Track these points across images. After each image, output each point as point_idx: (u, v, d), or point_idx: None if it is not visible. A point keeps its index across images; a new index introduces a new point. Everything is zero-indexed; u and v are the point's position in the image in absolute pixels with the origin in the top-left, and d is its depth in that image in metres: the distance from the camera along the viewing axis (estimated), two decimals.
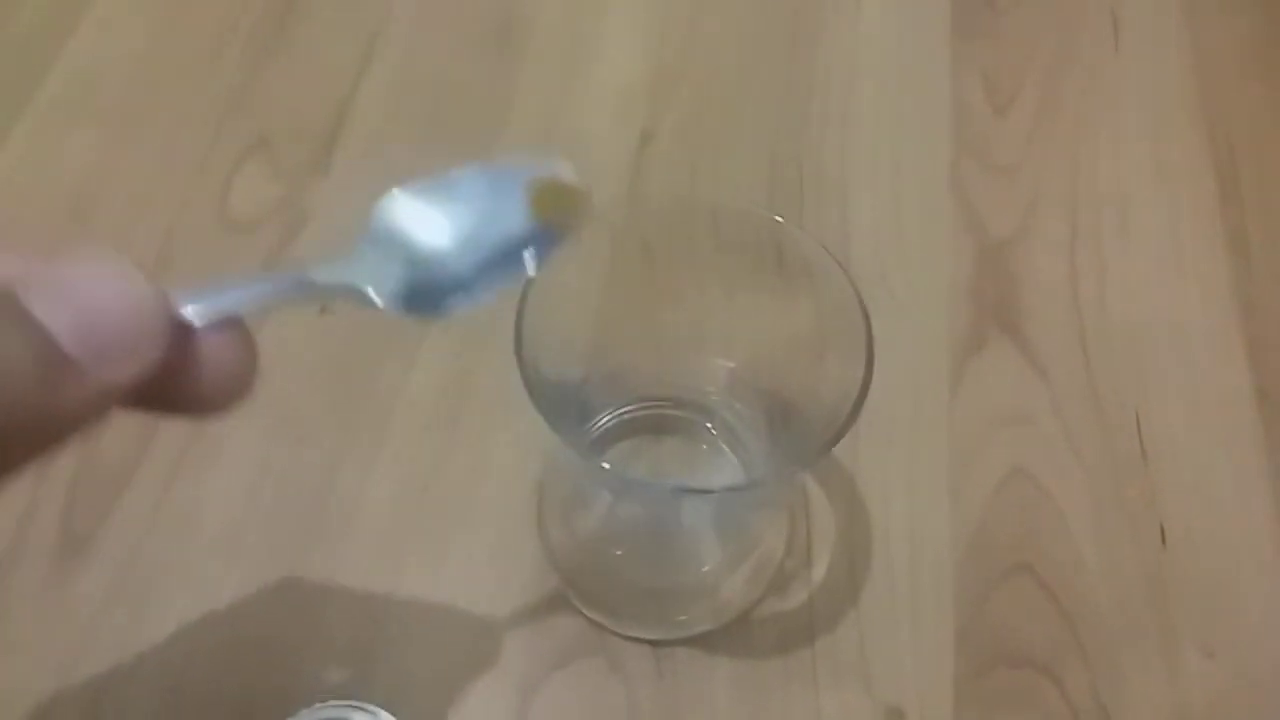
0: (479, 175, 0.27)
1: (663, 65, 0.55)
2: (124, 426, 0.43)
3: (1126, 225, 0.51)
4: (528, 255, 0.27)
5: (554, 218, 0.27)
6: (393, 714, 0.36)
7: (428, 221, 0.27)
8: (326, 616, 0.40)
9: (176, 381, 0.22)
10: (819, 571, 0.42)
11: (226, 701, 0.39)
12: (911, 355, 0.47)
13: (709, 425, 0.41)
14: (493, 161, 0.27)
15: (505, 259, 0.27)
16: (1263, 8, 0.59)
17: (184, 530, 0.42)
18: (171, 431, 0.43)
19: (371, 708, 0.36)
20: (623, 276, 0.37)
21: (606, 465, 0.36)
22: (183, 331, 0.21)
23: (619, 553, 0.41)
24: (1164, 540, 0.43)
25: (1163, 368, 0.47)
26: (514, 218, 0.27)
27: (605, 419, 0.41)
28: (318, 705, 0.36)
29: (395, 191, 0.27)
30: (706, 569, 0.41)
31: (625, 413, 0.41)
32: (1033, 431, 0.45)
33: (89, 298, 0.20)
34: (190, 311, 0.21)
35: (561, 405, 0.35)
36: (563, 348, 0.36)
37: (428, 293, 0.26)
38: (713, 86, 0.55)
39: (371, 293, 0.25)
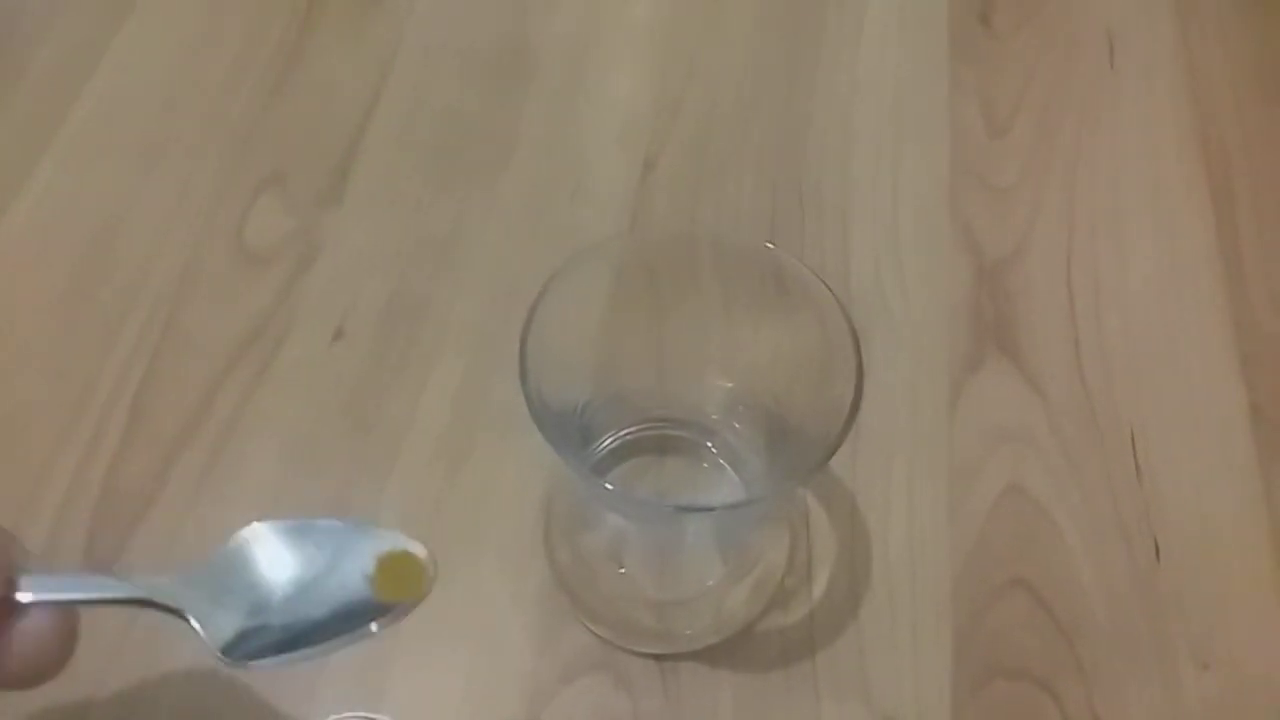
0: (333, 533, 0.28)
1: (665, 94, 0.57)
2: (144, 455, 0.45)
3: (1122, 245, 0.52)
4: (373, 626, 0.28)
5: (393, 596, 0.28)
6: None
7: (275, 566, 0.27)
8: None
9: None
10: (820, 586, 0.43)
11: (247, 715, 0.40)
12: (911, 374, 0.48)
13: (710, 445, 0.42)
14: (350, 522, 0.28)
15: (339, 623, 0.27)
16: (1258, 29, 0.60)
17: (203, 553, 0.43)
18: (191, 457, 0.45)
19: (381, 718, 0.37)
20: (625, 301, 0.38)
21: (610, 485, 0.37)
22: (6, 606, 0.20)
23: (623, 570, 0.42)
24: (1158, 555, 0.44)
25: (1158, 385, 0.48)
26: (356, 586, 0.28)
27: (608, 440, 0.42)
28: (332, 717, 0.37)
29: (255, 525, 0.28)
30: (709, 584, 0.42)
31: (628, 434, 0.42)
32: (1030, 449, 0.46)
33: None
34: (20, 592, 0.21)
35: (566, 428, 0.36)
36: (566, 372, 0.37)
37: (249, 641, 0.26)
38: (714, 114, 0.56)
39: (196, 625, 0.26)
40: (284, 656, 0.26)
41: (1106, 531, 0.44)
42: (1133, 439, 0.46)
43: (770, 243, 0.36)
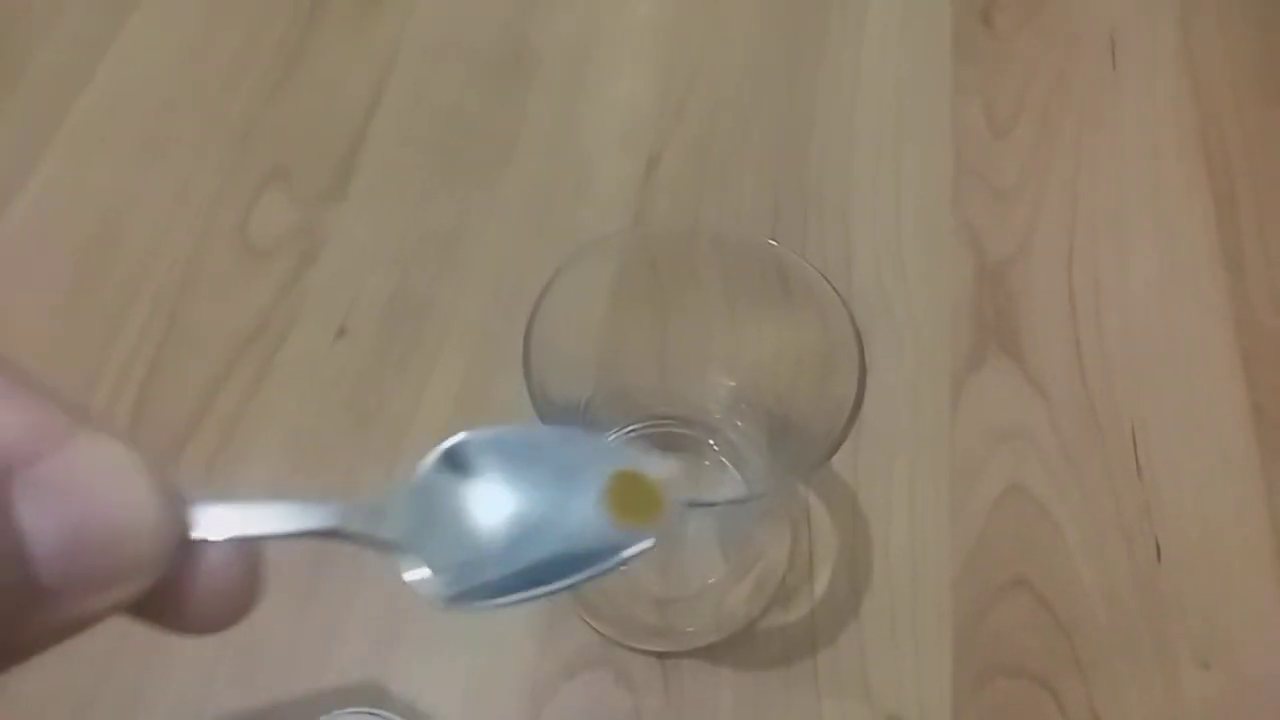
0: (559, 445, 0.24)
1: (669, 93, 0.57)
2: (147, 451, 0.45)
3: (1124, 244, 0.52)
4: (625, 553, 0.22)
5: (632, 520, 0.23)
6: None
7: (490, 495, 0.22)
8: (344, 629, 0.41)
9: (166, 597, 0.18)
10: (821, 584, 0.43)
11: (249, 713, 0.40)
12: (912, 373, 0.48)
13: (712, 442, 0.42)
14: (578, 433, 0.24)
15: (566, 554, 0.22)
16: (1259, 29, 0.60)
17: None
18: (193, 455, 0.45)
19: (385, 713, 0.37)
20: (628, 298, 0.38)
21: None
22: (188, 548, 0.18)
23: (622, 568, 0.42)
24: (1159, 554, 0.44)
25: (1159, 385, 0.48)
26: (586, 514, 0.22)
27: (611, 437, 0.42)
28: (336, 712, 0.37)
29: (464, 436, 0.23)
30: (711, 582, 0.42)
31: (631, 431, 0.42)
32: (1031, 448, 0.46)
33: (87, 510, 0.16)
34: (203, 530, 0.18)
35: (569, 424, 0.36)
36: (570, 368, 0.37)
37: (468, 584, 0.22)
38: (718, 113, 0.56)
39: (415, 569, 0.22)
40: (512, 597, 0.22)
41: (1107, 531, 0.44)
42: (1134, 438, 0.46)
43: (773, 240, 0.36)
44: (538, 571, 0.22)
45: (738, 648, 0.41)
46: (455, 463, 0.22)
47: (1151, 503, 0.45)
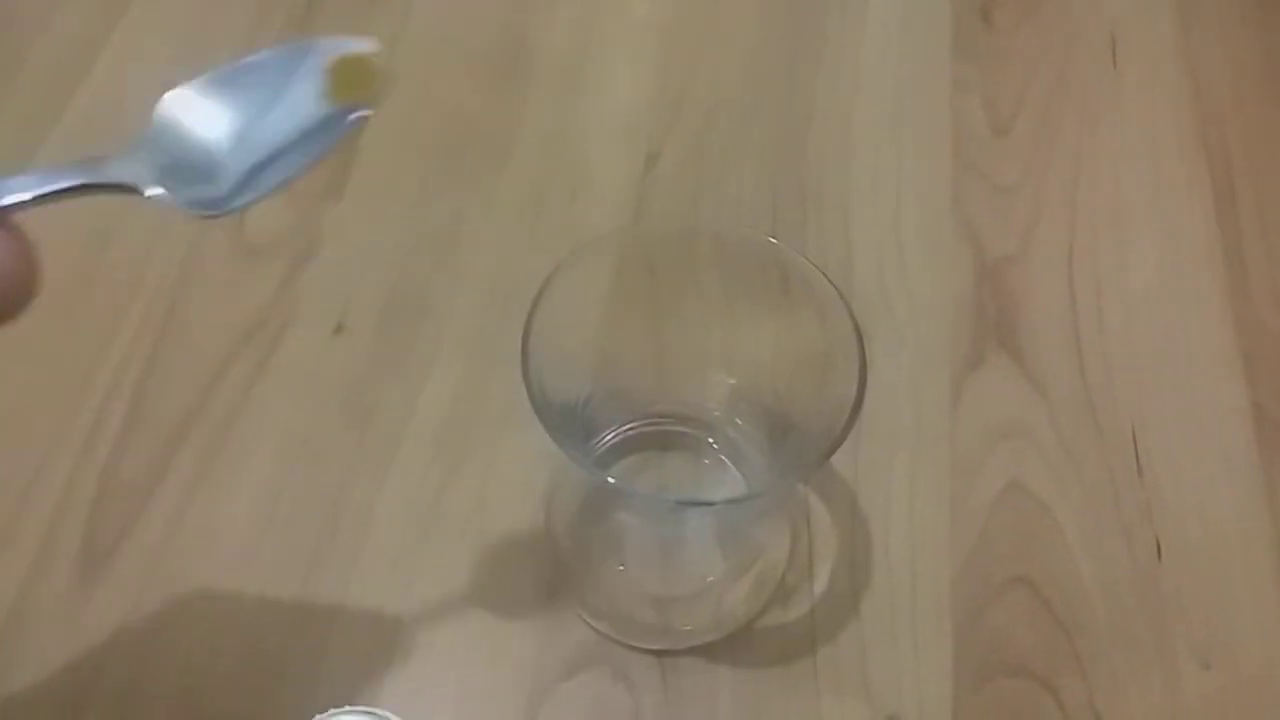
0: (272, 60, 0.26)
1: (667, 90, 0.57)
2: (144, 448, 0.45)
3: (1124, 243, 0.52)
4: (350, 119, 0.26)
5: (353, 97, 0.26)
6: None
7: (214, 116, 0.26)
8: (340, 627, 0.41)
9: None
10: (820, 583, 0.42)
11: (244, 710, 0.40)
12: (912, 371, 0.48)
13: (711, 441, 0.42)
14: (289, 43, 0.27)
15: (302, 143, 0.26)
16: (1259, 28, 0.60)
17: (201, 546, 0.43)
18: (190, 452, 0.45)
19: (383, 713, 0.36)
20: (627, 296, 0.38)
21: (612, 480, 0.37)
22: None
23: (621, 568, 0.42)
24: (1159, 553, 0.43)
25: (1159, 383, 0.48)
26: (309, 101, 0.26)
27: (610, 435, 0.42)
28: (332, 711, 0.36)
29: (180, 88, 0.26)
30: (710, 580, 0.42)
31: (629, 429, 0.42)
32: (1031, 446, 0.46)
33: None
34: None
35: (567, 422, 0.36)
36: (568, 366, 0.37)
37: (218, 190, 0.25)
38: (716, 110, 0.56)
39: (149, 190, 0.24)
40: (260, 187, 0.25)
41: (1107, 529, 0.44)
42: (1134, 437, 0.46)
43: (772, 238, 0.36)
44: (278, 161, 0.25)
45: (737, 646, 0.41)
46: (181, 110, 0.26)
47: (1152, 501, 0.45)
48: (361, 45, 0.27)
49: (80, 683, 0.40)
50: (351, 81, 0.26)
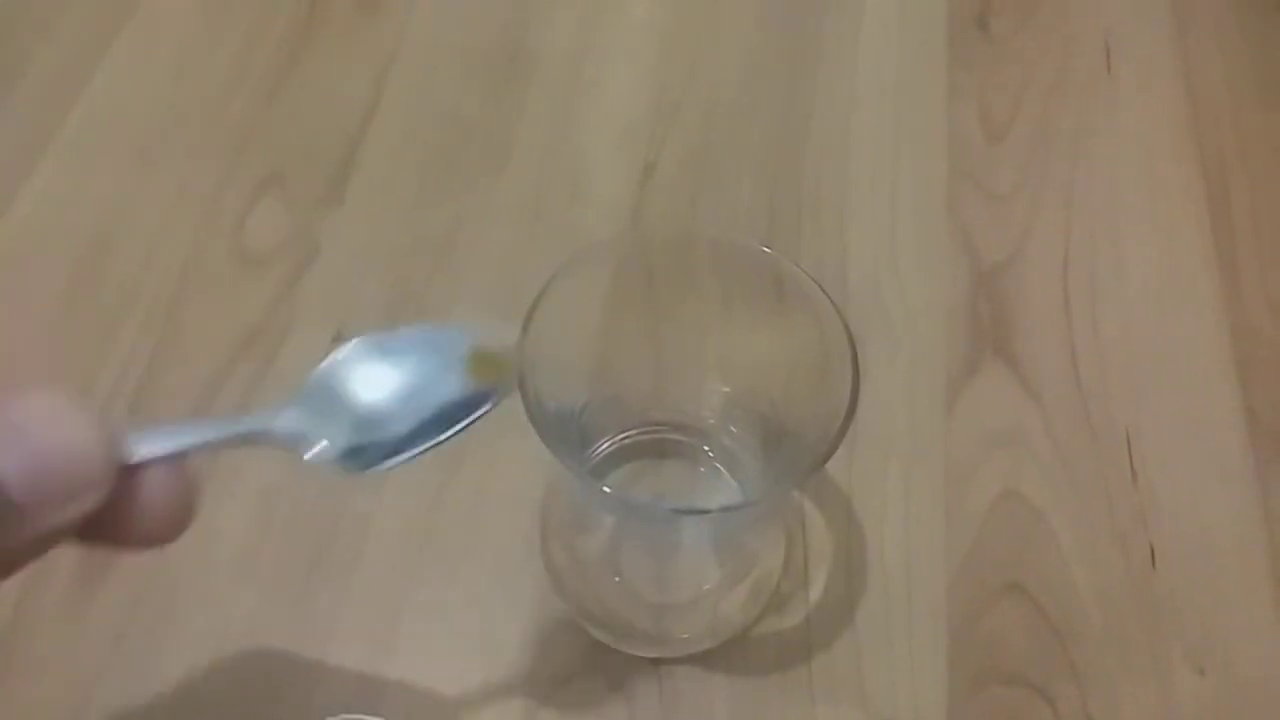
0: (423, 337, 0.29)
1: (665, 97, 0.57)
2: None
3: (1119, 249, 0.52)
4: (486, 406, 0.29)
5: (488, 382, 0.29)
6: None
7: (374, 379, 0.28)
8: (338, 635, 0.41)
9: (115, 517, 0.22)
10: (816, 590, 0.43)
11: (242, 717, 0.40)
12: (907, 378, 0.48)
13: (706, 448, 0.42)
14: (435, 324, 0.29)
15: (440, 420, 0.29)
16: (1255, 35, 0.60)
17: (200, 554, 0.43)
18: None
19: (379, 719, 0.37)
20: (623, 304, 0.38)
21: (607, 489, 0.37)
22: (126, 471, 0.22)
23: (617, 579, 0.42)
24: (1154, 560, 0.44)
25: (1154, 390, 0.48)
26: (452, 381, 0.29)
27: (605, 444, 0.42)
28: (329, 718, 0.37)
29: (348, 345, 0.28)
30: (706, 588, 0.42)
31: (625, 437, 0.42)
32: (1026, 453, 0.46)
33: (40, 443, 0.20)
34: (135, 452, 0.22)
35: (563, 431, 0.36)
36: (564, 373, 0.37)
37: (367, 451, 0.27)
38: (714, 118, 0.56)
39: (315, 447, 0.26)
40: (405, 455, 0.28)
41: (1102, 536, 0.44)
42: (1128, 443, 0.46)
43: (767, 246, 0.36)
44: (420, 434, 0.28)
45: (732, 654, 0.41)
46: (345, 366, 0.28)
47: (1146, 508, 0.45)
48: (494, 337, 0.30)
49: (80, 689, 0.40)
50: (485, 370, 0.30)
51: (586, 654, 0.41)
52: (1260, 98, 0.58)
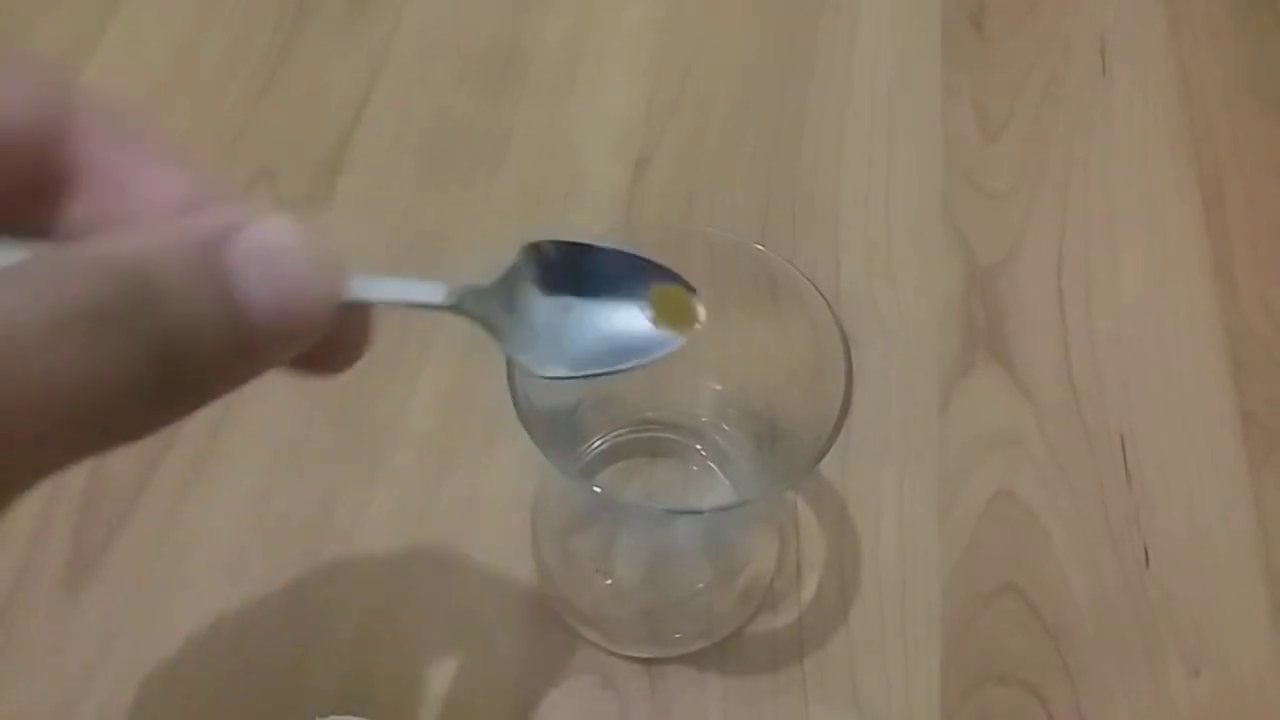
0: (611, 258, 0.28)
1: (659, 95, 0.57)
2: (132, 452, 0.44)
3: (1114, 250, 0.52)
4: (667, 347, 0.28)
5: (670, 324, 0.28)
6: None
7: (557, 297, 0.27)
8: (327, 634, 0.41)
9: (316, 348, 0.21)
10: (809, 590, 0.42)
11: (232, 717, 0.39)
12: (901, 378, 0.48)
13: (699, 448, 0.42)
14: (625, 248, 0.28)
15: (619, 346, 0.27)
16: (1250, 35, 0.60)
17: (190, 552, 0.43)
18: (178, 456, 0.44)
19: None
20: None
21: (598, 488, 0.37)
22: (342, 310, 0.21)
23: (609, 581, 0.41)
24: (1148, 561, 0.44)
25: (1149, 391, 0.48)
26: (633, 313, 0.28)
27: (598, 442, 0.42)
28: (319, 719, 0.36)
29: (541, 242, 0.27)
30: (698, 588, 0.42)
31: (617, 436, 0.42)
32: (1020, 453, 0.46)
33: (291, 278, 0.19)
34: (356, 295, 0.22)
35: (554, 430, 0.36)
36: None
37: (549, 357, 0.26)
38: (708, 116, 0.56)
39: (515, 351, 0.26)
40: (585, 373, 0.27)
41: (1096, 537, 0.44)
42: (1123, 444, 0.46)
43: (761, 245, 0.36)
44: (597, 355, 0.27)
45: (725, 654, 0.41)
46: (531, 261, 0.27)
47: (1140, 508, 0.45)
48: (680, 282, 0.28)
49: (69, 687, 0.40)
50: (670, 310, 0.28)
51: (578, 654, 0.41)
52: (1255, 98, 0.58)
